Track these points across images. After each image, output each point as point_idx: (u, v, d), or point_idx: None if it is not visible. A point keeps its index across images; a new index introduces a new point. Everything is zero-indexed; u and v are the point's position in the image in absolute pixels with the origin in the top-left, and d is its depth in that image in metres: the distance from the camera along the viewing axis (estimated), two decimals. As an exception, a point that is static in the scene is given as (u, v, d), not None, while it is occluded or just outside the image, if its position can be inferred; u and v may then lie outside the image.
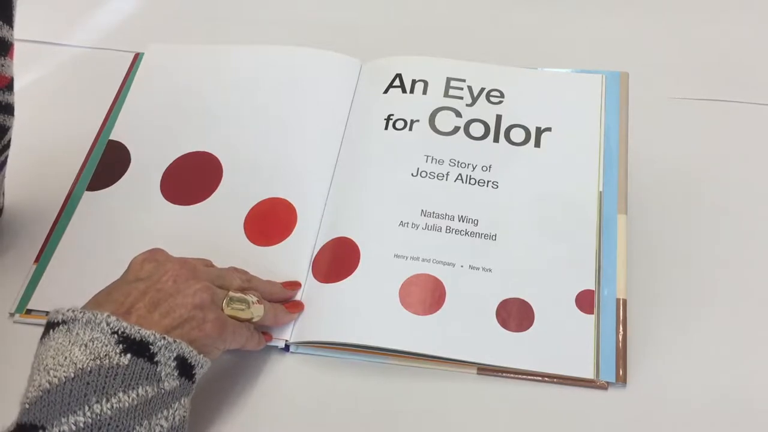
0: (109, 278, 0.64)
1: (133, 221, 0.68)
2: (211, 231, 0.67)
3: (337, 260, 0.64)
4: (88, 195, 0.70)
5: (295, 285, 0.63)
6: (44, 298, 0.65)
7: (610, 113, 0.69)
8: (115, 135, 0.73)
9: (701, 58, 0.77)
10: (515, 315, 0.59)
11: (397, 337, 0.59)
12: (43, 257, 0.67)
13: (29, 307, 0.64)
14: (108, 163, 0.72)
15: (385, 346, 0.59)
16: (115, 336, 0.48)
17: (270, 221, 0.66)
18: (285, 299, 0.62)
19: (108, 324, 0.49)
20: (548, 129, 0.68)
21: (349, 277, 0.62)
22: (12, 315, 0.65)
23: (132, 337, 0.49)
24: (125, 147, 0.72)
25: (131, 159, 0.72)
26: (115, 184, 0.70)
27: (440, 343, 0.59)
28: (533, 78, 0.72)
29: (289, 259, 0.64)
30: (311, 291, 0.63)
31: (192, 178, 0.70)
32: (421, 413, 0.58)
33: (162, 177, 0.70)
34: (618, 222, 0.63)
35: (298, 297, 0.63)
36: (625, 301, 0.60)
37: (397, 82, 0.72)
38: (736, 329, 0.60)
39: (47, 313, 0.63)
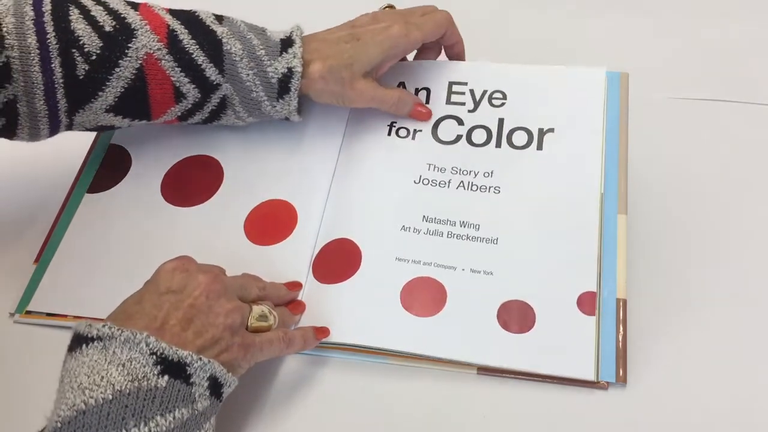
0: (110, 280, 0.64)
1: (133, 223, 0.68)
2: (212, 231, 0.67)
3: (338, 261, 0.64)
4: (88, 197, 0.70)
5: (296, 286, 0.63)
6: (44, 300, 0.65)
7: (610, 113, 0.69)
8: (116, 139, 0.74)
9: (701, 58, 0.77)
10: (516, 317, 0.59)
11: (398, 339, 0.59)
12: (42, 258, 0.67)
13: (29, 308, 0.65)
14: (109, 167, 0.72)
15: (385, 347, 0.59)
16: (154, 357, 0.48)
17: (270, 221, 0.67)
18: (290, 301, 0.62)
19: (147, 344, 0.48)
20: (551, 130, 0.67)
21: (350, 279, 0.62)
22: (12, 315, 0.65)
23: (170, 358, 0.48)
24: (126, 151, 0.73)
25: (132, 162, 0.72)
26: (115, 187, 0.71)
27: (441, 345, 0.59)
28: (535, 75, 0.71)
29: (289, 259, 0.64)
30: (311, 291, 0.63)
31: (193, 180, 0.70)
32: (421, 413, 0.58)
33: (162, 179, 0.70)
34: (618, 222, 0.63)
35: (298, 297, 0.63)
36: (625, 301, 0.60)
37: None
38: (736, 329, 0.60)
39: (48, 314, 0.64)
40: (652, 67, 0.75)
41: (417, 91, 0.72)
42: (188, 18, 0.64)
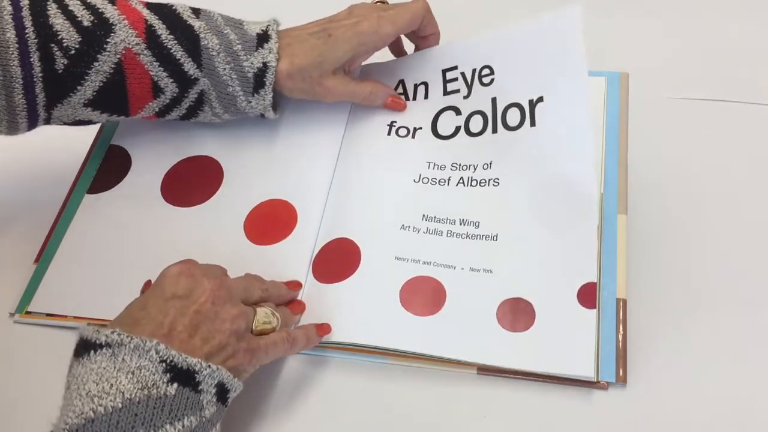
0: (110, 280, 0.64)
1: (133, 223, 0.68)
2: (212, 231, 0.67)
3: (338, 261, 0.64)
4: (88, 198, 0.71)
5: (296, 285, 0.63)
6: (44, 300, 0.65)
7: (610, 113, 0.69)
8: (116, 139, 0.74)
9: (701, 58, 0.77)
10: (516, 315, 0.59)
11: (398, 338, 0.59)
12: (42, 258, 0.67)
13: (29, 308, 0.65)
14: (109, 167, 0.72)
15: (385, 346, 0.59)
16: (163, 364, 0.48)
17: (270, 221, 0.67)
18: (290, 300, 0.62)
19: (157, 352, 0.48)
20: (540, 99, 0.66)
21: (349, 278, 0.62)
22: (12, 315, 0.65)
23: (179, 365, 0.48)
24: (126, 151, 0.73)
25: (132, 162, 0.72)
26: (115, 187, 0.71)
27: (440, 344, 0.59)
28: (516, 36, 0.68)
29: (289, 259, 0.64)
30: (311, 291, 0.63)
31: (193, 181, 0.70)
32: (420, 413, 0.58)
33: (162, 180, 0.71)
34: (618, 222, 0.63)
35: (298, 297, 0.63)
36: (625, 301, 0.60)
37: (400, 89, 0.72)
38: (735, 329, 0.60)
39: (48, 314, 0.64)
40: (652, 67, 0.75)
41: (416, 86, 0.72)
42: (165, 12, 0.64)
